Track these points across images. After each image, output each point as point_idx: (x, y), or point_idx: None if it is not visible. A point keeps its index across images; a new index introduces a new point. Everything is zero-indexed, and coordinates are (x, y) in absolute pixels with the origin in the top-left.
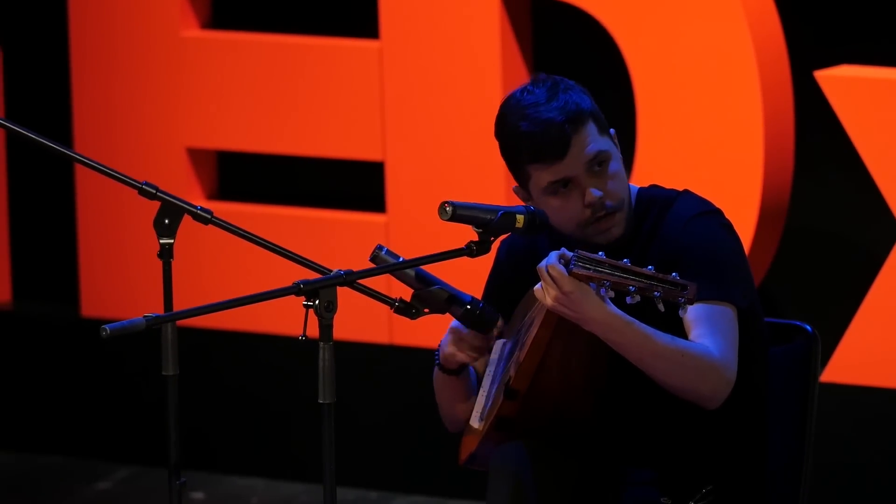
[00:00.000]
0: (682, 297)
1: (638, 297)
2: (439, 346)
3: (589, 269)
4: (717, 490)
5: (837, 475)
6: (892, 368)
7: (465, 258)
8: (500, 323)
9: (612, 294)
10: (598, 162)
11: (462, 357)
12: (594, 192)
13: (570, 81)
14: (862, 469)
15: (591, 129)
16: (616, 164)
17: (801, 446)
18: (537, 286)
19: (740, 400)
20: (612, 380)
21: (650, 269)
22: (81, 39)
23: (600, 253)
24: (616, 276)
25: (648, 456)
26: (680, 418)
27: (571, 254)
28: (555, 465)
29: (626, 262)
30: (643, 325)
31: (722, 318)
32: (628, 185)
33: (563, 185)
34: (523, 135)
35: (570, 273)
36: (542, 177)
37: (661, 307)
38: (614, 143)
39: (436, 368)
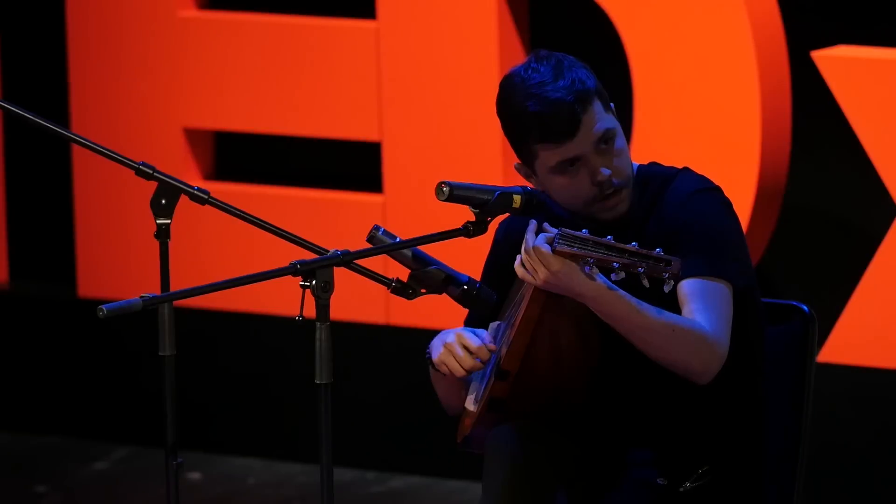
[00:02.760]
0: (666, 273)
1: (622, 274)
2: (430, 346)
3: (573, 246)
4: (713, 470)
5: (834, 455)
6: (889, 348)
7: (462, 238)
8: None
9: (596, 271)
10: (606, 140)
11: (447, 372)
12: (604, 171)
13: (571, 58)
14: (859, 449)
15: (597, 106)
16: (621, 140)
17: (798, 426)
18: (517, 263)
19: (737, 380)
20: (606, 360)
21: (633, 246)
22: (79, 19)
23: (584, 230)
24: (600, 252)
25: (645, 436)
26: (677, 398)
27: (555, 231)
28: (551, 446)
29: (609, 239)
30: (634, 299)
31: (716, 294)
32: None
33: (570, 164)
34: (532, 115)
35: (553, 251)
36: (551, 157)
37: (646, 283)
38: (616, 118)
39: (429, 366)
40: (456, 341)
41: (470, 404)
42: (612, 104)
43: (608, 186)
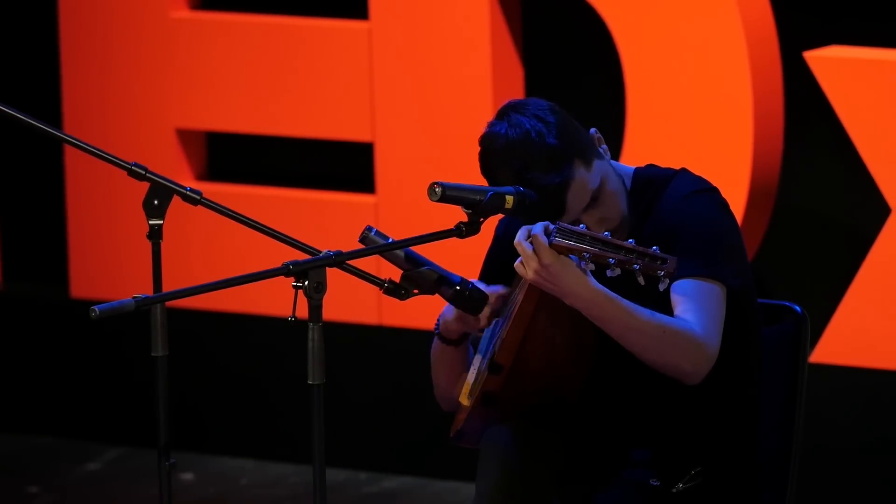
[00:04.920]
0: (662, 271)
1: (618, 270)
2: (440, 315)
3: (570, 240)
4: (707, 471)
5: (827, 455)
6: (881, 349)
7: (454, 239)
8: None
9: (592, 266)
10: (593, 198)
11: (465, 327)
12: (603, 233)
13: (542, 114)
14: (851, 449)
15: (580, 173)
16: (608, 184)
17: (791, 426)
18: (518, 260)
19: (731, 381)
20: (601, 360)
21: (630, 243)
22: (71, 20)
23: (582, 226)
24: (596, 247)
25: (639, 437)
26: (671, 399)
27: (553, 225)
28: (544, 447)
29: (606, 235)
30: (624, 300)
31: (709, 296)
32: (621, 180)
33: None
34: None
35: (550, 245)
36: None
37: (641, 280)
38: (598, 153)
39: (435, 339)
40: None
41: (464, 398)
42: (592, 130)
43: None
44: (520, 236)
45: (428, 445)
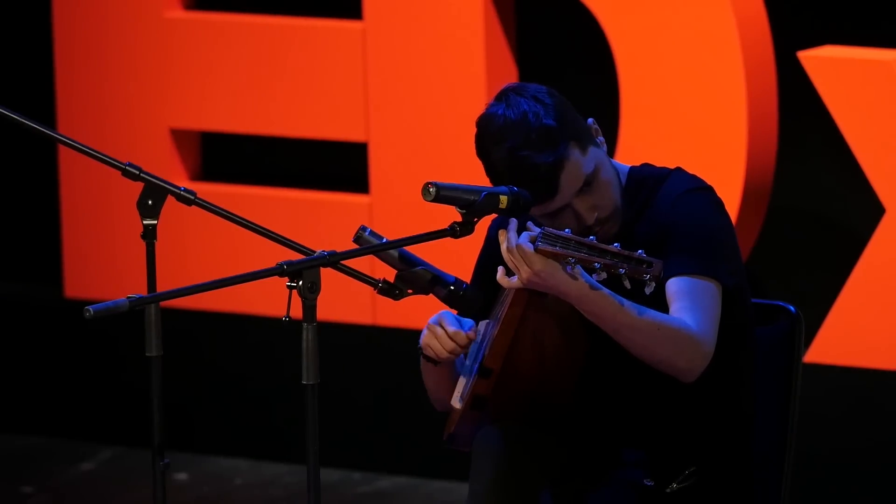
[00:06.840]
0: (647, 274)
1: (604, 274)
2: (421, 334)
3: (555, 245)
4: (701, 471)
5: (821, 455)
6: (876, 348)
7: (448, 239)
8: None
9: (578, 270)
10: (587, 183)
11: (432, 355)
12: (589, 217)
13: (540, 96)
14: (846, 449)
15: (575, 156)
16: (602, 173)
17: (785, 426)
18: (499, 273)
19: (726, 380)
20: (593, 360)
21: (616, 246)
22: (65, 20)
23: (567, 230)
24: (582, 252)
25: (632, 437)
26: (665, 399)
27: (538, 230)
28: (537, 447)
29: (591, 240)
30: (619, 297)
31: (704, 293)
32: (616, 172)
33: (554, 214)
34: (511, 178)
35: (535, 250)
36: (535, 210)
37: (627, 284)
38: (594, 141)
39: (420, 357)
40: (437, 322)
41: (455, 402)
42: (589, 120)
43: (595, 223)
44: (511, 243)
45: (422, 445)
